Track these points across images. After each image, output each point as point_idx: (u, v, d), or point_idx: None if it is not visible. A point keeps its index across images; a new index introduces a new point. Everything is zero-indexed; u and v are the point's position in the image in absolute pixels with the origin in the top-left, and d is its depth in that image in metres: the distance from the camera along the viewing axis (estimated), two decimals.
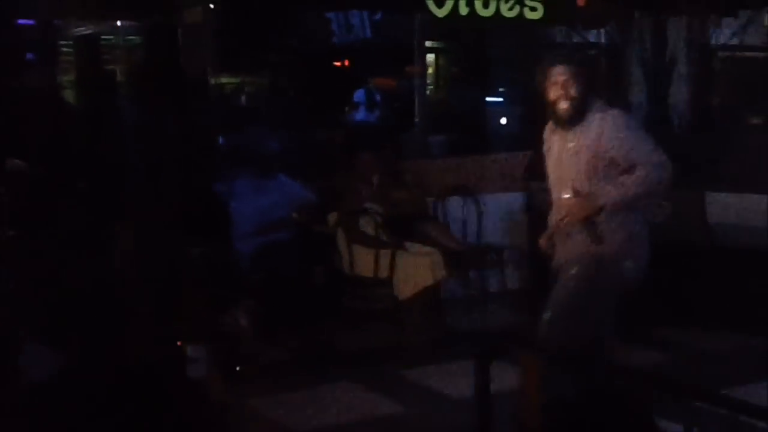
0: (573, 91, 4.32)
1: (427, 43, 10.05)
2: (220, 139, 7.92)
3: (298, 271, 6.50)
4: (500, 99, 10.83)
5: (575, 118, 4.35)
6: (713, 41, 8.32)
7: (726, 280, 6.57)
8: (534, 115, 9.47)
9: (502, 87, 10.71)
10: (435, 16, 7.78)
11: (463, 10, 7.62)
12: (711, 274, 6.63)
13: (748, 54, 9.62)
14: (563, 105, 4.34)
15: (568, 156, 4.39)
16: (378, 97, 13.10)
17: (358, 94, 13.10)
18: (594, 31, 8.61)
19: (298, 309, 6.38)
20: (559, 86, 4.33)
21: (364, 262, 6.66)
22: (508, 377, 3.53)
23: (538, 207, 7.70)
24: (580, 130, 4.36)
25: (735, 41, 8.25)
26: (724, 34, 8.08)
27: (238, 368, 3.54)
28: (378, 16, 11.54)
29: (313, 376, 5.84)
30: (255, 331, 5.18)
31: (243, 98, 12.35)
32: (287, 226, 6.73)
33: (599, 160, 4.30)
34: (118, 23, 7.82)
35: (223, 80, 11.69)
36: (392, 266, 6.57)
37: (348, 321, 6.63)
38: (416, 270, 6.61)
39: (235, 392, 4.94)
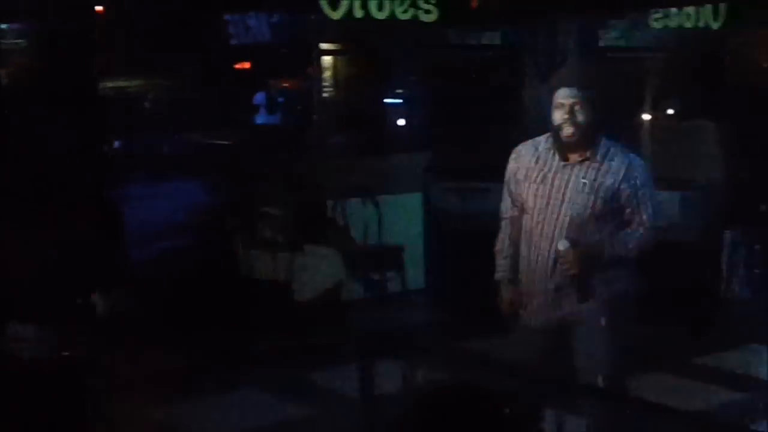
0: (581, 117, 3.84)
1: (326, 45, 10.07)
2: (117, 143, 7.82)
3: (198, 276, 6.46)
4: (399, 100, 10.92)
5: (580, 146, 3.89)
6: (602, 43, 8.55)
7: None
8: (432, 115, 9.58)
9: (401, 88, 10.81)
10: (330, 18, 7.80)
11: (358, 12, 7.67)
12: None
13: (634, 55, 9.90)
14: (568, 130, 3.85)
15: (577, 191, 3.88)
16: (279, 99, 13.10)
17: (259, 96, 13.07)
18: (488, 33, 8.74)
19: (198, 313, 6.34)
20: (565, 109, 3.85)
21: (263, 265, 6.67)
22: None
23: (437, 207, 7.81)
24: (596, 165, 3.90)
25: (622, 43, 8.49)
26: (612, 35, 8.31)
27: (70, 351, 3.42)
28: (276, 19, 11.51)
29: (214, 381, 5.81)
30: (115, 319, 5.05)
31: (140, 101, 12.20)
32: (186, 230, 6.68)
33: (614, 202, 3.90)
34: (6, 26, 7.64)
35: (121, 83, 11.52)
36: (292, 269, 6.59)
37: (248, 325, 6.61)
38: (316, 272, 6.64)
39: (134, 400, 4.89)
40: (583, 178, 3.88)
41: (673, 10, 9.25)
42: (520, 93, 8.62)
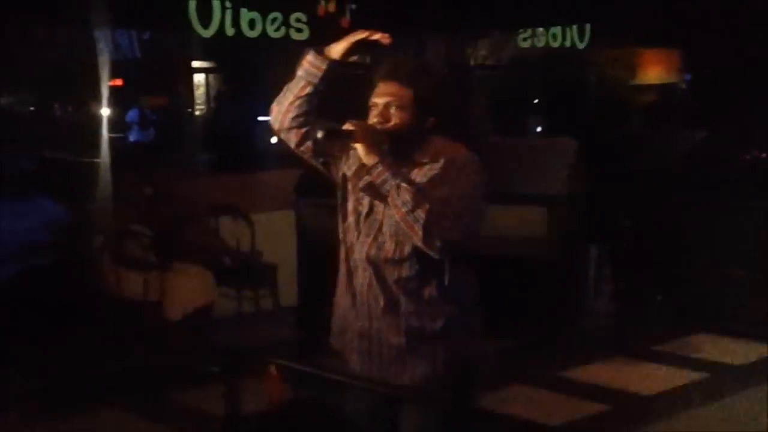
0: (395, 120, 3.01)
1: (197, 63, 10.01)
2: None
3: (62, 297, 6.30)
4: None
5: (398, 153, 3.00)
6: (471, 60, 8.74)
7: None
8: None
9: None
10: (201, 36, 7.77)
11: (229, 31, 7.65)
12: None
13: (502, 72, 10.15)
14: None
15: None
16: (152, 116, 12.91)
17: (132, 113, 12.86)
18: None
19: (63, 336, 6.19)
20: (378, 109, 3.03)
21: (132, 284, 6.54)
22: None
23: (308, 225, 7.82)
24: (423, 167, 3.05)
25: (491, 61, 8.72)
26: (481, 54, 8.52)
27: None
28: (146, 36, 11.37)
29: (81, 403, 5.68)
30: None
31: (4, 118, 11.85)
32: (48, 250, 6.50)
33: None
34: None
35: None
36: (162, 288, 6.50)
37: (118, 346, 6.48)
38: (187, 291, 6.56)
39: None
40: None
41: (540, 29, 9.57)
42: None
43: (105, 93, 8.77)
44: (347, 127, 2.93)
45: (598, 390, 6.07)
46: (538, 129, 9.91)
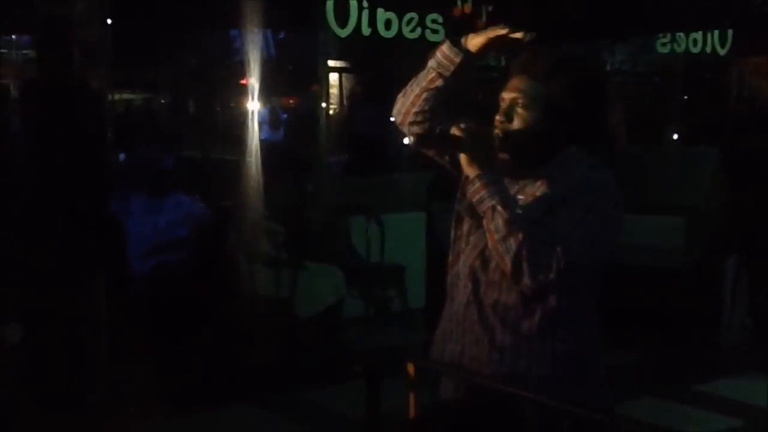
0: (518, 121, 2.58)
1: (331, 63, 10.09)
2: (118, 157, 7.82)
3: (196, 291, 6.44)
4: None
5: (519, 160, 2.60)
6: (608, 66, 8.56)
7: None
8: None
9: None
10: (337, 36, 7.84)
11: (365, 31, 7.70)
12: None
13: (639, 79, 9.92)
14: (497, 139, 2.59)
15: None
16: (283, 116, 13.12)
17: (263, 113, 13.07)
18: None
19: (196, 329, 6.32)
20: (504, 105, 2.61)
21: (265, 281, 6.64)
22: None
23: (439, 227, 7.80)
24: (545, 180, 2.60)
25: (627, 66, 8.52)
26: (617, 59, 8.33)
27: None
28: (281, 35, 11.55)
29: (209, 398, 5.78)
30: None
31: (142, 116, 12.23)
32: (185, 245, 6.66)
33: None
34: (13, 36, 7.67)
35: (122, 97, 11.55)
36: (294, 285, 6.57)
37: (248, 341, 6.58)
38: (318, 289, 6.62)
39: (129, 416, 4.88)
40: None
41: (680, 34, 9.31)
42: None
43: (239, 92, 8.91)
44: (453, 131, 2.53)
45: (733, 405, 5.89)
46: (675, 137, 9.67)
